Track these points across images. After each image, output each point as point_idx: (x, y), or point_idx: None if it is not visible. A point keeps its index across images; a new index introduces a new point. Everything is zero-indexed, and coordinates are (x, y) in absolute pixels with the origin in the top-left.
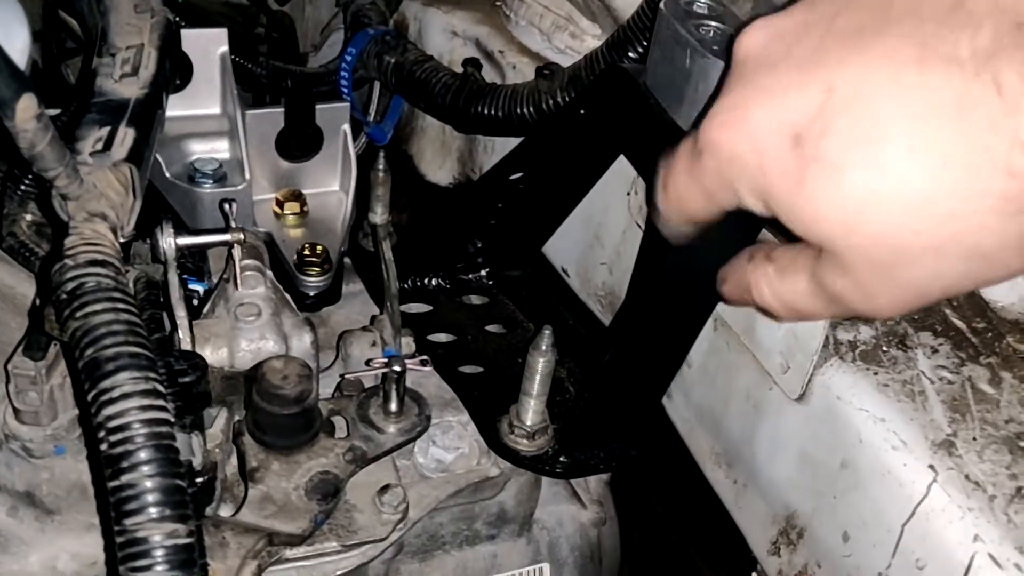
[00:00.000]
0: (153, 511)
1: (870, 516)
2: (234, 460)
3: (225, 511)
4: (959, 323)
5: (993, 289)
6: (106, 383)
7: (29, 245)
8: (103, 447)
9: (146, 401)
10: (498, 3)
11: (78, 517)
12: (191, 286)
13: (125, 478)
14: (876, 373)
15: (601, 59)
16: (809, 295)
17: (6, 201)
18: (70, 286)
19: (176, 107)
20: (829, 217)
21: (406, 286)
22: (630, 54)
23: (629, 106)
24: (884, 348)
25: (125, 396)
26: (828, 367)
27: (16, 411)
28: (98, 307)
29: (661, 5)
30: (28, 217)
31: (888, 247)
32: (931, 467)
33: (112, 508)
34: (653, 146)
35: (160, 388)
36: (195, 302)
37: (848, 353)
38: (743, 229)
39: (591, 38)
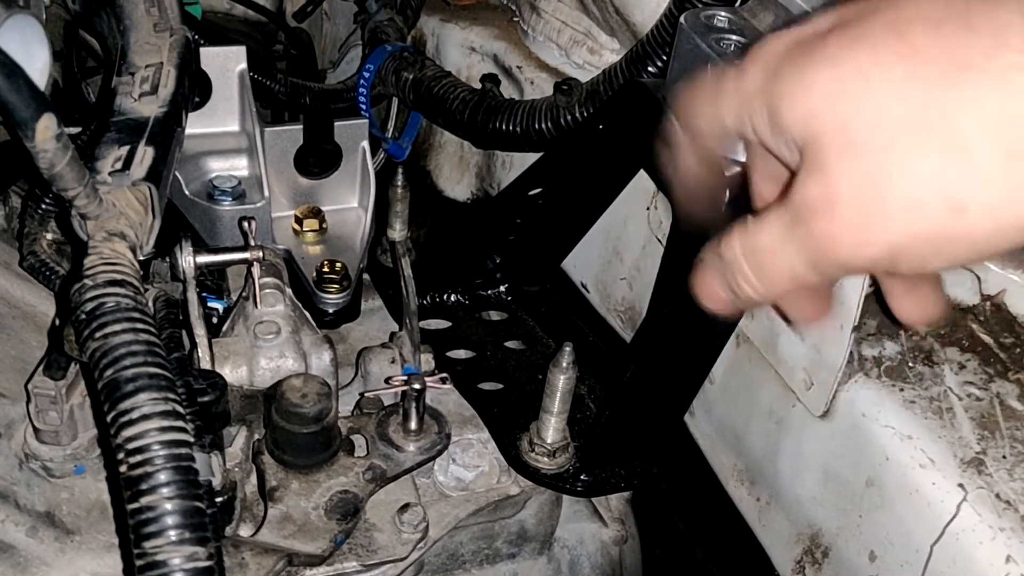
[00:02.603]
0: (172, 534)
1: (897, 536)
2: (254, 479)
3: (245, 530)
4: (986, 338)
5: (1021, 304)
6: (125, 404)
7: (49, 264)
8: (122, 469)
9: (165, 423)
10: (515, 19)
11: (98, 537)
12: (210, 304)
13: (144, 500)
14: (902, 390)
15: (620, 74)
16: (780, 237)
17: (27, 220)
18: (89, 306)
19: (195, 125)
20: (812, 97)
21: (425, 302)
22: (649, 69)
23: (649, 121)
24: (910, 364)
25: (144, 418)
26: (853, 384)
27: (36, 431)
28: (117, 327)
29: (681, 19)
30: (48, 236)
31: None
32: (960, 486)
33: (131, 530)
34: None
35: (179, 409)
36: (214, 320)
37: (873, 369)
38: None
39: (609, 53)
